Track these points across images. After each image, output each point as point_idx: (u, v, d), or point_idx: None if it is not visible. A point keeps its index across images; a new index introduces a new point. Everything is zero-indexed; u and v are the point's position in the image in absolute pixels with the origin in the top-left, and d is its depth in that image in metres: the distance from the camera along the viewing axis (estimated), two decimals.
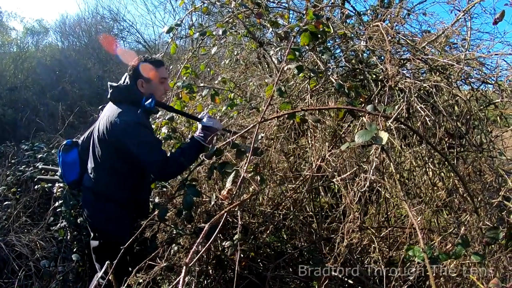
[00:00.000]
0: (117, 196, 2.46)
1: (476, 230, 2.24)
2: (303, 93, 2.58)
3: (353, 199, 1.82)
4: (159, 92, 2.53)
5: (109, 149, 2.40)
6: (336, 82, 2.04)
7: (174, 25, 3.06)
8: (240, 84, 3.76)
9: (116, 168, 2.44)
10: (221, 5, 3.11)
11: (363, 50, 2.49)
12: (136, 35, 14.91)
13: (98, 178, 2.48)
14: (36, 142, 6.15)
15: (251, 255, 2.36)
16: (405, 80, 2.06)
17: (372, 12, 4.03)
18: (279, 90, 1.96)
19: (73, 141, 2.73)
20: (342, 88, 2.01)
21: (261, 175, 1.90)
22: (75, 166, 2.64)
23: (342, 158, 2.28)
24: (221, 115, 3.30)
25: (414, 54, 2.53)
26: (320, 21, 2.26)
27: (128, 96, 2.45)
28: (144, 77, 2.47)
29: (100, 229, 2.51)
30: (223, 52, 3.98)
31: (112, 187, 2.46)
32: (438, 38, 2.82)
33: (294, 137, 3.13)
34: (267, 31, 3.30)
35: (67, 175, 2.66)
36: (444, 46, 2.84)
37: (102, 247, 2.50)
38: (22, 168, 5.12)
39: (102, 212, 2.49)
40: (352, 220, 1.82)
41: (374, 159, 1.66)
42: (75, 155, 2.66)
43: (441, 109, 2.13)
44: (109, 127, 2.33)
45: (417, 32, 3.28)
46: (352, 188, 1.84)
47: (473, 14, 3.10)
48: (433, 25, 3.21)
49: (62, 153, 2.68)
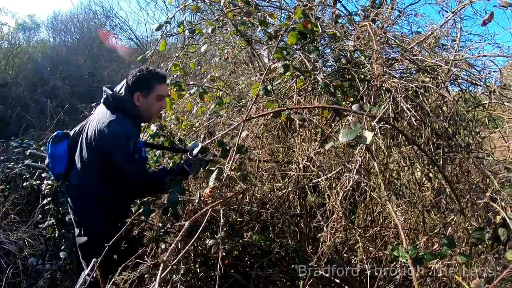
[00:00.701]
0: (101, 196, 2.45)
1: (463, 231, 2.25)
2: (291, 92, 2.58)
3: (337, 199, 1.82)
4: (154, 109, 2.49)
5: (95, 154, 2.39)
6: (322, 82, 2.04)
7: (164, 23, 3.05)
8: (229, 82, 3.76)
9: (100, 172, 2.43)
10: (210, 2, 3.11)
11: (352, 49, 2.49)
12: (128, 32, 14.89)
13: (84, 177, 2.47)
14: (26, 139, 6.11)
15: (235, 253, 2.36)
16: (392, 80, 2.06)
17: (364, 12, 4.05)
18: (265, 89, 1.96)
19: (64, 133, 2.66)
20: (328, 88, 2.01)
21: (243, 172, 1.90)
22: (63, 159, 2.59)
23: (328, 157, 2.28)
24: (210, 113, 3.30)
25: (402, 54, 2.54)
26: (308, 20, 2.26)
27: (120, 107, 2.40)
28: (142, 91, 2.43)
29: (85, 226, 2.50)
30: (215, 50, 3.97)
31: (96, 188, 2.44)
32: (427, 38, 2.83)
33: (282, 136, 3.13)
34: (257, 30, 3.31)
35: (55, 168, 2.62)
36: (434, 47, 2.85)
37: (88, 244, 2.49)
38: (11, 165, 5.08)
39: (86, 210, 2.49)
40: (336, 220, 1.82)
41: (358, 159, 1.66)
42: (65, 147, 2.60)
43: (427, 109, 2.14)
44: (97, 134, 2.32)
45: (407, 33, 3.29)
46: (336, 187, 1.84)
47: (464, 16, 3.12)
48: (424, 26, 3.24)
49: (52, 144, 2.61)
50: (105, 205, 2.46)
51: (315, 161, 2.25)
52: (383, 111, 1.82)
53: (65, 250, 3.72)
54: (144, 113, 2.48)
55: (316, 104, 2.36)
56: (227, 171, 1.74)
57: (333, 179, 2.23)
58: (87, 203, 2.48)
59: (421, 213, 2.42)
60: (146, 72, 2.45)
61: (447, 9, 3.02)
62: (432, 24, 3.16)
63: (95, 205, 2.45)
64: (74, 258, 3.63)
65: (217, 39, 3.56)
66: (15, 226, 4.17)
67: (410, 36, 3.10)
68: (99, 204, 2.45)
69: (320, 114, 2.46)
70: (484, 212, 2.20)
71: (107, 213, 2.47)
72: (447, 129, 2.30)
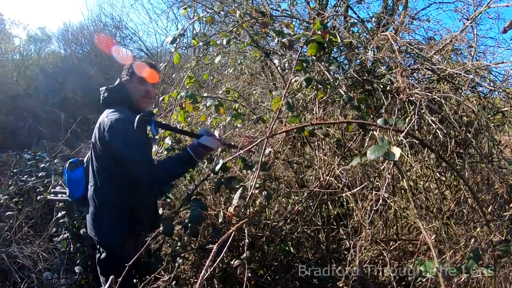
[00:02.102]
0: (116, 202, 2.42)
1: (487, 243, 2.19)
2: (310, 104, 2.54)
3: (366, 216, 1.77)
4: (138, 93, 2.52)
5: (102, 152, 2.38)
6: (345, 95, 1.99)
7: (178, 35, 3.03)
8: (244, 93, 3.72)
9: (111, 173, 2.40)
10: (225, 14, 3.09)
11: (371, 60, 2.44)
12: (138, 43, 14.94)
13: (97, 185, 2.44)
14: (38, 151, 6.13)
15: (260, 272, 2.31)
16: (416, 92, 2.00)
17: (376, 19, 4.01)
18: (287, 104, 1.91)
19: (79, 160, 2.73)
20: (352, 101, 1.96)
21: (268, 191, 1.85)
22: (81, 183, 2.63)
23: (352, 171, 2.23)
24: (225, 124, 3.26)
25: (422, 63, 2.49)
26: (327, 31, 2.22)
27: (116, 97, 2.49)
28: (126, 76, 2.54)
29: (103, 241, 2.47)
30: (226, 60, 3.95)
31: (110, 193, 2.42)
32: (445, 46, 2.79)
33: (299, 147, 3.08)
34: (271, 40, 3.28)
35: (74, 192, 2.66)
36: (450, 53, 2.80)
37: (107, 260, 2.46)
38: (25, 178, 5.09)
39: (102, 223, 2.46)
40: (365, 237, 1.77)
41: (387, 176, 1.60)
42: (81, 172, 2.65)
43: (452, 121, 2.08)
44: (100, 129, 2.33)
45: (421, 39, 3.25)
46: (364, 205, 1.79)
47: (479, 20, 3.08)
48: (437, 31, 3.20)
49: (68, 170, 2.66)
50: (120, 212, 2.41)
51: (338, 174, 2.20)
52: (410, 125, 1.76)
53: (80, 265, 3.68)
54: (132, 96, 2.52)
55: (340, 118, 2.31)
56: (252, 190, 1.70)
57: (358, 194, 2.18)
58: (101, 213, 2.45)
59: (445, 225, 2.36)
60: (134, 61, 2.57)
61: (467, 16, 2.98)
62: (449, 30, 3.15)
63: (110, 213, 2.43)
64: (90, 273, 3.59)
65: (230, 49, 3.54)
66: (29, 240, 4.15)
67: (424, 42, 3.08)
68: (114, 211, 2.42)
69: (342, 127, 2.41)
70: (508, 224, 2.14)
71: (122, 221, 2.42)
72: (468, 137, 2.24)
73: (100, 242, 2.48)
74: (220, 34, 2.94)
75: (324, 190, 2.24)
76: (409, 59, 2.66)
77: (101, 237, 2.48)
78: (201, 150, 2.38)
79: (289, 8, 3.58)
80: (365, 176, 2.32)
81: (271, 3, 3.76)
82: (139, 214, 2.47)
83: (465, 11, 3.04)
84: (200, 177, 2.92)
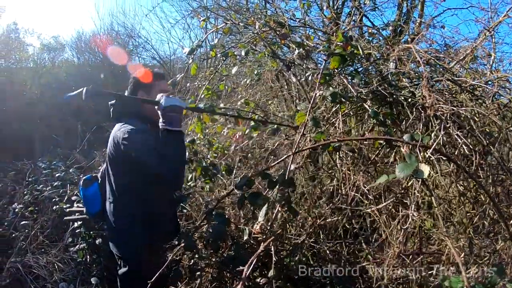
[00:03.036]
0: (134, 212, 2.38)
1: (510, 256, 2.15)
2: (331, 118, 2.51)
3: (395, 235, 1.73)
4: (149, 108, 2.42)
5: (118, 164, 2.37)
6: (371, 110, 1.96)
7: (195, 46, 3.03)
8: (259, 103, 3.71)
9: (128, 184, 2.38)
10: (245, 25, 3.08)
11: (393, 71, 2.41)
12: (151, 51, 15.00)
13: (115, 199, 2.43)
14: (53, 159, 6.16)
15: None
16: (441, 106, 1.97)
17: (392, 27, 3.99)
18: (313, 120, 1.89)
19: (93, 176, 2.73)
20: (377, 116, 1.93)
21: (293, 208, 1.82)
22: (97, 198, 2.62)
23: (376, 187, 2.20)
24: (242, 135, 3.25)
25: (444, 75, 2.46)
26: (349, 43, 2.20)
27: (128, 110, 2.40)
28: (144, 89, 2.47)
29: (125, 254, 2.45)
30: (241, 69, 3.94)
31: (128, 203, 2.40)
32: (466, 57, 2.76)
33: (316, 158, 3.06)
34: (287, 51, 3.27)
35: (91, 208, 2.66)
36: (470, 62, 2.78)
37: (128, 274, 2.43)
38: (40, 187, 5.11)
39: (122, 234, 2.44)
40: (393, 256, 1.73)
41: (417, 195, 1.57)
42: (96, 188, 2.64)
43: (478, 134, 2.04)
44: (114, 142, 2.31)
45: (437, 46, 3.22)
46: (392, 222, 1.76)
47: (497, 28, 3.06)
48: (452, 38, 3.17)
49: (83, 188, 2.67)
50: (140, 226, 2.38)
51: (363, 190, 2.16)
52: (437, 141, 1.73)
53: (96, 276, 3.67)
54: (149, 111, 2.41)
55: (366, 134, 2.28)
56: (278, 208, 1.67)
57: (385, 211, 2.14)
58: (122, 228, 2.43)
59: (469, 239, 2.31)
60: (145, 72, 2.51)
61: (488, 28, 2.95)
62: (467, 39, 3.12)
63: (129, 224, 2.40)
64: (106, 284, 3.59)
65: (247, 60, 3.53)
66: (44, 250, 4.15)
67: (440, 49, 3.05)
68: (134, 225, 2.39)
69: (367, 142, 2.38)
70: None
71: (144, 235, 2.38)
72: (491, 149, 2.19)
73: (121, 256, 2.46)
74: (239, 45, 2.93)
75: (349, 207, 2.20)
76: (428, 68, 2.63)
77: (122, 251, 2.46)
78: (169, 115, 2.19)
79: (303, 17, 3.58)
80: (388, 189, 2.29)
81: (286, 12, 3.77)
82: (159, 227, 2.44)
83: (485, 20, 3.02)
84: (220, 190, 2.90)
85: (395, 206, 2.29)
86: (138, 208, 2.38)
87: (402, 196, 2.13)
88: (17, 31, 14.21)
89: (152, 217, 2.40)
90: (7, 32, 13.56)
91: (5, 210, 5.26)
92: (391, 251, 1.76)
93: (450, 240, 1.54)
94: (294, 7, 3.86)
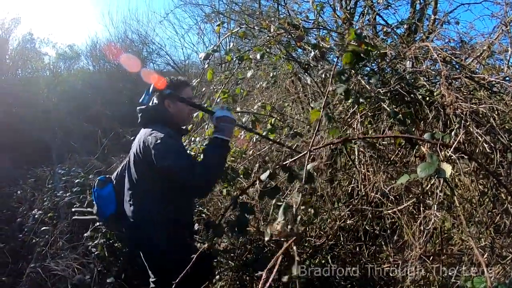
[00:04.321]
0: (158, 219, 2.35)
1: None
2: (348, 117, 2.50)
3: (419, 237, 1.72)
4: (185, 113, 2.55)
5: (144, 169, 2.36)
6: (391, 110, 1.94)
7: (211, 51, 3.04)
8: (276, 106, 3.71)
9: (153, 189, 2.36)
10: (260, 29, 3.09)
11: (410, 70, 2.39)
12: (165, 57, 15.12)
13: (137, 203, 2.41)
14: (72, 166, 6.24)
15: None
16: (461, 104, 1.94)
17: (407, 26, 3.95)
18: (327, 115, 1.87)
19: (107, 177, 2.73)
20: (397, 116, 1.91)
21: (315, 209, 1.81)
22: (111, 198, 2.62)
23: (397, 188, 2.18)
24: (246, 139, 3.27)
25: (461, 72, 2.44)
26: (363, 41, 2.17)
27: (156, 116, 2.46)
28: (170, 96, 2.48)
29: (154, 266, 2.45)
30: (256, 72, 3.94)
31: (152, 210, 2.37)
32: (483, 53, 2.73)
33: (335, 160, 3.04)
34: (301, 53, 3.27)
35: (104, 209, 2.64)
36: (487, 58, 2.75)
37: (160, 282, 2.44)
38: (60, 193, 5.17)
39: (148, 243, 2.40)
40: (415, 258, 1.71)
41: (440, 194, 1.55)
42: (110, 189, 2.65)
43: (498, 132, 2.01)
44: (142, 145, 2.33)
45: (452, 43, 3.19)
46: (416, 224, 1.74)
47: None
48: (467, 33, 3.13)
49: (97, 188, 2.65)
50: (164, 229, 2.35)
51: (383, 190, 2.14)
52: (458, 139, 1.70)
53: (113, 275, 3.67)
54: (176, 118, 2.52)
55: (387, 132, 2.26)
56: (298, 206, 1.65)
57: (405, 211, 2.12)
58: (148, 233, 2.38)
59: (491, 238, 2.27)
60: (170, 81, 2.53)
61: (504, 22, 2.91)
62: (482, 35, 3.08)
63: (158, 231, 2.36)
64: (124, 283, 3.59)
65: (262, 63, 3.54)
66: (64, 255, 4.19)
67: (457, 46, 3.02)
68: (161, 228, 2.35)
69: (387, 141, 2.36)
70: None
71: (166, 237, 2.35)
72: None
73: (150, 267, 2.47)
74: (254, 49, 2.93)
75: (369, 207, 2.18)
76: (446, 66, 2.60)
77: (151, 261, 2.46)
78: (223, 125, 2.35)
79: (316, 18, 3.57)
80: (407, 190, 2.26)
81: (299, 13, 3.77)
82: (177, 232, 2.40)
83: (501, 16, 2.97)
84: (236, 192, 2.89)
85: (415, 206, 2.27)
86: (160, 213, 2.36)
87: (422, 197, 2.11)
88: (33, 41, 14.39)
89: (173, 222, 2.38)
90: (23, 42, 13.73)
91: (25, 217, 5.33)
92: (413, 253, 1.74)
93: (473, 240, 1.51)
94: (306, 9, 3.85)
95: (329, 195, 2.79)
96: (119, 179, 2.66)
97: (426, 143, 1.63)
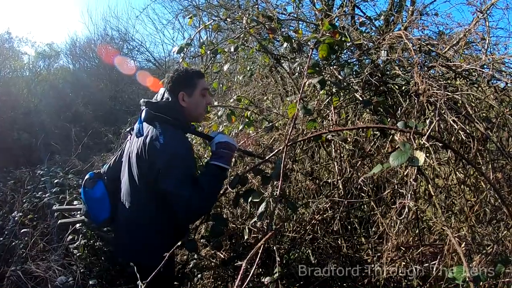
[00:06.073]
0: (157, 222, 2.15)
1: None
2: (325, 110, 2.46)
3: (390, 225, 1.70)
4: (201, 107, 2.28)
5: (149, 170, 2.07)
6: (363, 100, 1.92)
7: (184, 45, 2.99)
8: (254, 99, 3.67)
9: (156, 192, 2.08)
10: (232, 21, 3.04)
11: (384, 60, 2.37)
12: (146, 54, 14.99)
13: (135, 204, 2.18)
14: (52, 166, 6.14)
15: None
16: (435, 92, 1.92)
17: (385, 17, 3.95)
18: (303, 108, 1.82)
19: (96, 173, 2.44)
20: (370, 105, 1.88)
21: (291, 203, 1.77)
22: (105, 201, 2.34)
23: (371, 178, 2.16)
24: (237, 132, 3.20)
25: (437, 60, 2.43)
26: (337, 31, 2.14)
27: (167, 113, 2.14)
28: (186, 90, 2.22)
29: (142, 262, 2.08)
30: (235, 67, 3.90)
31: (151, 212, 2.15)
32: (459, 41, 2.73)
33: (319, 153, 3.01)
34: (279, 45, 3.23)
35: (97, 214, 2.37)
36: (464, 47, 2.75)
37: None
38: (39, 194, 5.07)
39: (141, 243, 2.20)
40: (391, 249, 1.69)
41: (413, 183, 1.53)
42: (102, 189, 2.36)
43: (474, 118, 2.00)
44: (148, 150, 2.06)
45: (431, 34, 3.20)
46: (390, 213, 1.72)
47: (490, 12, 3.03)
48: (446, 25, 3.15)
49: (87, 189, 2.36)
50: (160, 233, 2.16)
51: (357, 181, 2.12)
52: (431, 127, 1.68)
53: (95, 277, 3.61)
54: (192, 113, 2.26)
55: (358, 123, 2.22)
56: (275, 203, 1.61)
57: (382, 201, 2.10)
58: (140, 233, 2.19)
59: (471, 227, 2.27)
60: (184, 71, 2.27)
61: (480, 9, 2.91)
62: (460, 25, 3.10)
63: (149, 233, 2.17)
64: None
65: (239, 56, 3.50)
66: (45, 256, 4.12)
67: (434, 37, 3.03)
68: (154, 231, 2.17)
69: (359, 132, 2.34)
70: None
71: (161, 242, 2.10)
72: (489, 134, 2.15)
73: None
74: (228, 41, 2.89)
75: (345, 199, 2.16)
76: (422, 56, 2.59)
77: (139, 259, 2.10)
78: (222, 151, 2.11)
79: (295, 11, 3.54)
80: (387, 181, 2.24)
81: (277, 7, 3.73)
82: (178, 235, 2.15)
83: (477, 3, 2.97)
84: None
85: (394, 197, 2.25)
86: (159, 217, 2.16)
87: (400, 187, 2.08)
88: (11, 40, 14.16)
89: (173, 228, 2.20)
90: (1, 42, 13.47)
91: (5, 220, 5.23)
92: (389, 244, 1.72)
93: (450, 230, 1.50)
94: (285, 1, 3.81)
95: (307, 188, 2.77)
96: (112, 178, 2.39)
97: (399, 132, 1.61)
